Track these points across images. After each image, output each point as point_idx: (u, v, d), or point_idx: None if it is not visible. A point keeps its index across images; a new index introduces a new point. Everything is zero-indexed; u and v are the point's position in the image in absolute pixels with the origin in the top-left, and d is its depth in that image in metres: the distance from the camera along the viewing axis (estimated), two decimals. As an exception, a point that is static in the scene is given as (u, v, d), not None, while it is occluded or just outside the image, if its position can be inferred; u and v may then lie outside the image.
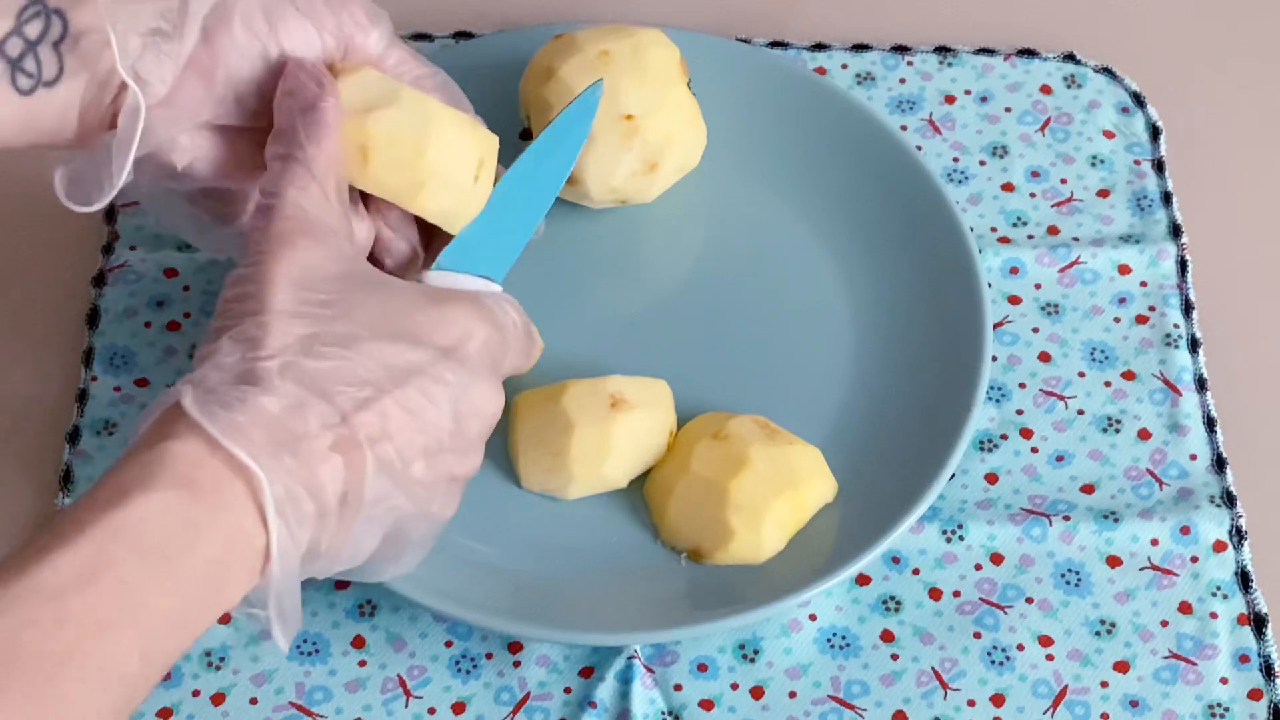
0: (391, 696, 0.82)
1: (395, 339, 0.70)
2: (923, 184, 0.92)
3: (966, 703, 0.82)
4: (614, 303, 0.92)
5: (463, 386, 0.71)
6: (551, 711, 0.82)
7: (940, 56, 1.01)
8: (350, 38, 0.77)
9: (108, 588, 0.60)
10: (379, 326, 0.70)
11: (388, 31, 0.78)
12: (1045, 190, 0.97)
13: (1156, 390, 0.91)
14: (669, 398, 0.86)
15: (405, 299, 0.72)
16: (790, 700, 0.82)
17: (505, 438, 0.85)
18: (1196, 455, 0.89)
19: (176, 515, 0.63)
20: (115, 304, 0.92)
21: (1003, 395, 0.90)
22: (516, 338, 0.76)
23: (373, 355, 0.69)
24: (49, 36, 0.71)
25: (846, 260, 0.93)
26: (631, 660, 0.82)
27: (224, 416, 0.65)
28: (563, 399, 0.84)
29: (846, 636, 0.84)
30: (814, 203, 0.94)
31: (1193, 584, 0.85)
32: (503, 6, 1.03)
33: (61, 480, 0.87)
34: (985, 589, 0.85)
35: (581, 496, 0.85)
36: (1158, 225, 0.96)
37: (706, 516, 0.83)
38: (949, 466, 0.84)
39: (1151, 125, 0.99)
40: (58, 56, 0.71)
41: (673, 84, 0.90)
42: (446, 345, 0.71)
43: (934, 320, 0.89)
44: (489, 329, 0.74)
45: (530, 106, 0.91)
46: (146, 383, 0.90)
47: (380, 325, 0.70)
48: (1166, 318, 0.93)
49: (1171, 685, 0.82)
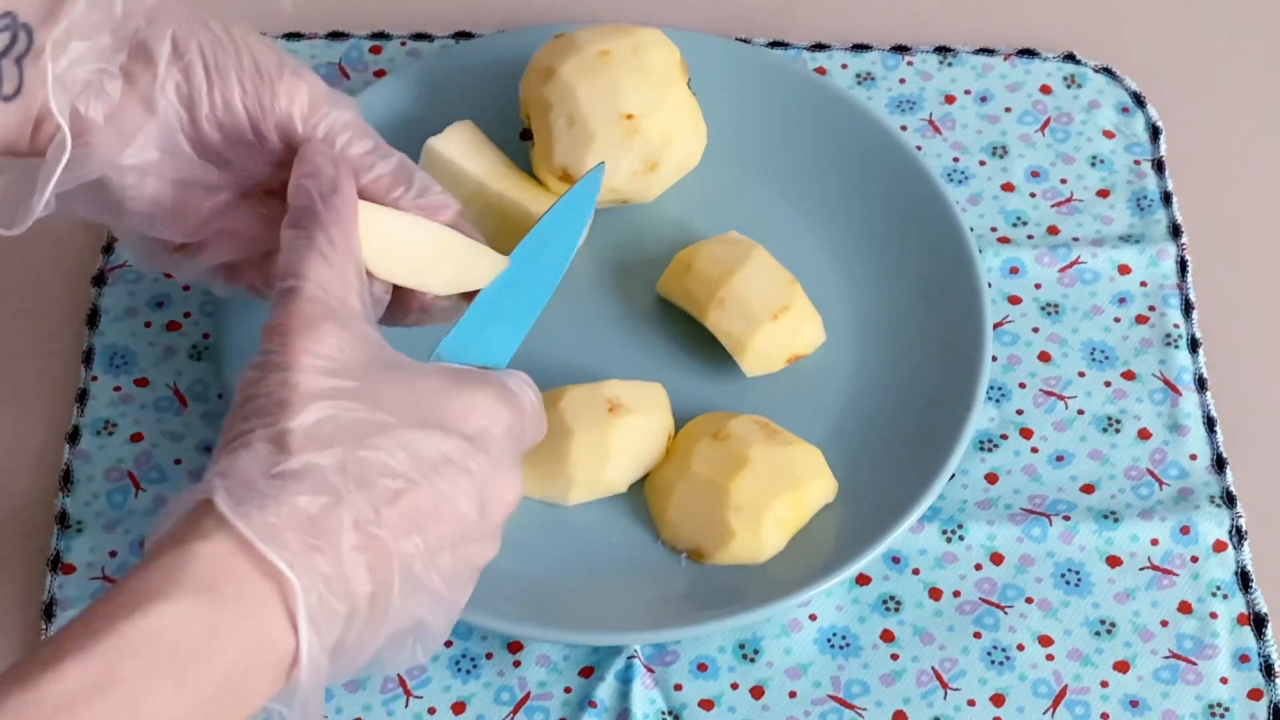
0: (391, 696, 0.82)
1: (424, 427, 0.67)
2: (923, 184, 0.92)
3: (966, 703, 0.82)
4: (614, 303, 0.92)
5: (487, 475, 0.69)
6: (551, 711, 0.82)
7: (940, 56, 1.01)
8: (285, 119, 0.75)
9: (116, 702, 0.58)
10: (408, 414, 0.67)
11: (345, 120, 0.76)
12: (1045, 190, 0.97)
13: (1156, 390, 0.91)
14: (666, 401, 0.86)
15: (430, 384, 0.69)
16: (790, 700, 0.82)
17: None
18: (1196, 455, 0.89)
19: (197, 623, 0.60)
20: (115, 304, 0.92)
21: (1003, 395, 0.90)
22: (534, 420, 0.73)
23: (403, 446, 0.66)
24: (13, 51, 0.70)
25: (846, 260, 0.93)
26: (631, 660, 0.82)
27: (258, 517, 0.62)
28: (560, 404, 0.84)
29: (846, 636, 0.84)
30: (814, 203, 0.94)
31: (1193, 584, 0.85)
32: (503, 6, 1.03)
33: (61, 480, 0.87)
34: (985, 589, 0.85)
35: (581, 502, 0.85)
36: (1158, 225, 0.96)
37: (707, 516, 0.83)
38: (949, 466, 0.84)
39: (1151, 125, 0.99)
40: (19, 71, 0.70)
41: (673, 84, 0.90)
42: (472, 433, 0.69)
43: (934, 320, 0.89)
44: (511, 414, 0.71)
45: (530, 106, 0.91)
46: (146, 382, 0.90)
47: (408, 413, 0.67)
48: (1166, 318, 0.93)
49: (1171, 685, 0.82)
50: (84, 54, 0.71)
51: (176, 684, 0.60)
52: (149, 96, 0.73)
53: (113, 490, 0.87)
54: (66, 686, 0.58)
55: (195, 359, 0.91)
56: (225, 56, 0.73)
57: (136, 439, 0.88)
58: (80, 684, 0.58)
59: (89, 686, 0.58)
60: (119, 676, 0.59)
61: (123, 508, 0.86)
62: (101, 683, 0.58)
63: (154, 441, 0.88)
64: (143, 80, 0.73)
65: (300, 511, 0.63)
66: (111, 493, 0.87)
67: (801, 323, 0.88)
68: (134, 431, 0.88)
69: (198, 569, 0.61)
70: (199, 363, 0.90)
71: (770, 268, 0.89)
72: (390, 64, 1.01)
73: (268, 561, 0.62)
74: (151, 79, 0.73)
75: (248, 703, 0.62)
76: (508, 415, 0.70)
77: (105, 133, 0.73)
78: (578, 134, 0.89)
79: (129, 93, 0.73)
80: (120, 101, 0.73)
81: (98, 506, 0.86)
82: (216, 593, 0.61)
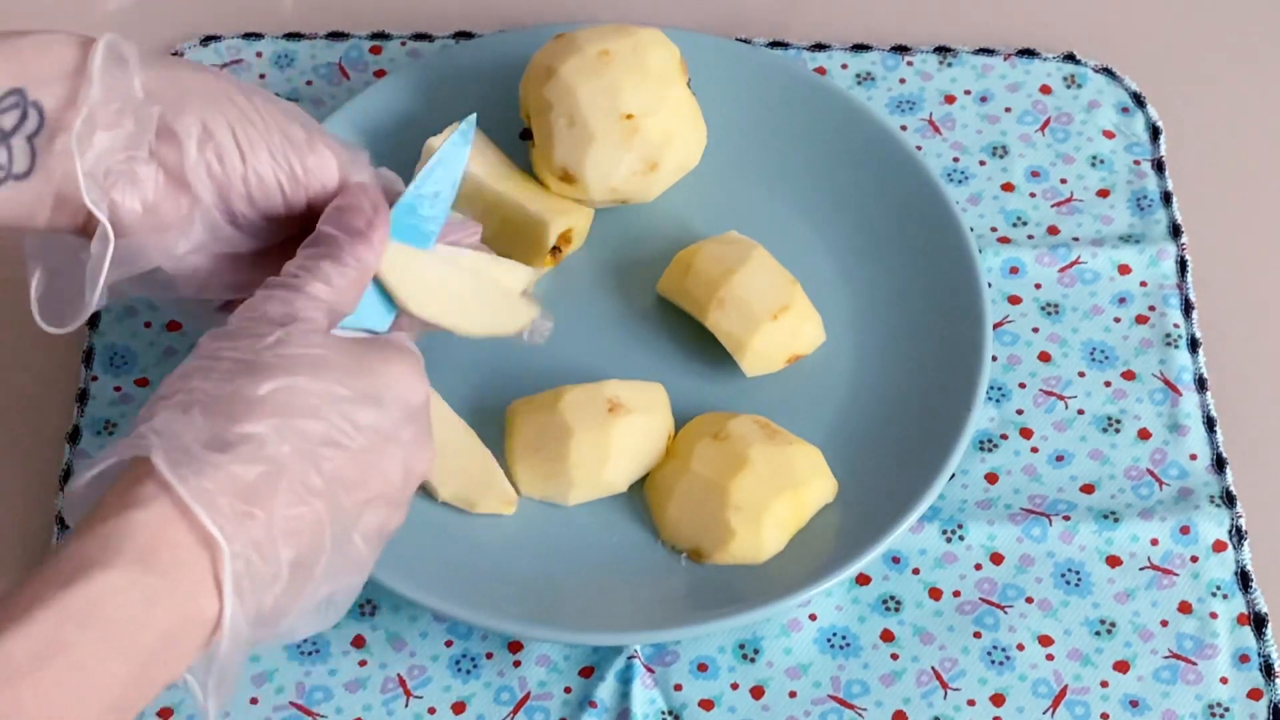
0: (391, 696, 0.82)
1: (361, 399, 0.69)
2: (923, 184, 0.92)
3: (966, 702, 0.82)
4: (614, 303, 0.91)
5: (414, 445, 0.70)
6: (551, 711, 0.82)
7: (940, 56, 1.01)
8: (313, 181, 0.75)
9: (60, 671, 0.59)
10: (345, 385, 0.68)
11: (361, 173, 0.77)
12: (1045, 190, 0.97)
13: (1156, 390, 0.91)
14: (666, 401, 0.86)
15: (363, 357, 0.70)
16: (790, 700, 0.82)
17: (501, 446, 0.85)
18: (1196, 455, 0.89)
19: (136, 591, 0.61)
20: (115, 304, 0.92)
21: (1003, 395, 0.90)
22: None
23: (344, 416, 0.68)
24: (24, 129, 0.69)
25: (846, 260, 0.93)
26: (631, 660, 0.82)
27: (194, 482, 0.63)
28: (560, 404, 0.84)
29: (846, 636, 0.84)
30: (814, 203, 0.94)
31: (1193, 584, 0.85)
32: (503, 6, 1.03)
33: (61, 480, 0.87)
34: (985, 589, 0.85)
35: (581, 503, 0.85)
36: (1158, 225, 0.96)
37: (707, 516, 0.83)
38: (949, 466, 0.84)
39: (1151, 125, 0.99)
40: (31, 151, 0.70)
41: (673, 84, 0.90)
42: (407, 404, 0.70)
43: (934, 320, 0.89)
44: (425, 383, 0.72)
45: (530, 106, 0.91)
46: (146, 382, 0.90)
47: (346, 384, 0.69)
48: (1166, 318, 0.93)
49: (1171, 685, 0.82)
50: (110, 144, 0.71)
51: (116, 654, 0.60)
52: (183, 180, 0.73)
53: (113, 490, 0.87)
54: (10, 657, 0.59)
55: (195, 359, 0.91)
56: (254, 133, 0.73)
57: (136, 439, 0.88)
58: (24, 654, 0.59)
59: (33, 657, 0.59)
60: (61, 645, 0.59)
61: (123, 508, 0.86)
62: (44, 652, 0.59)
63: (154, 441, 0.88)
64: (173, 164, 0.72)
65: (236, 478, 0.64)
66: (111, 493, 0.87)
67: (801, 323, 0.88)
68: (134, 431, 0.88)
69: (136, 537, 0.62)
70: (199, 363, 0.90)
71: (770, 268, 0.89)
72: (390, 64, 1.01)
73: (202, 528, 0.63)
74: (182, 161, 0.72)
75: (171, 671, 0.63)
76: (425, 386, 0.72)
77: (145, 220, 0.73)
78: (578, 134, 0.89)
79: (163, 179, 0.73)
80: (156, 190, 0.72)
81: (98, 506, 0.86)
82: (154, 561, 0.62)
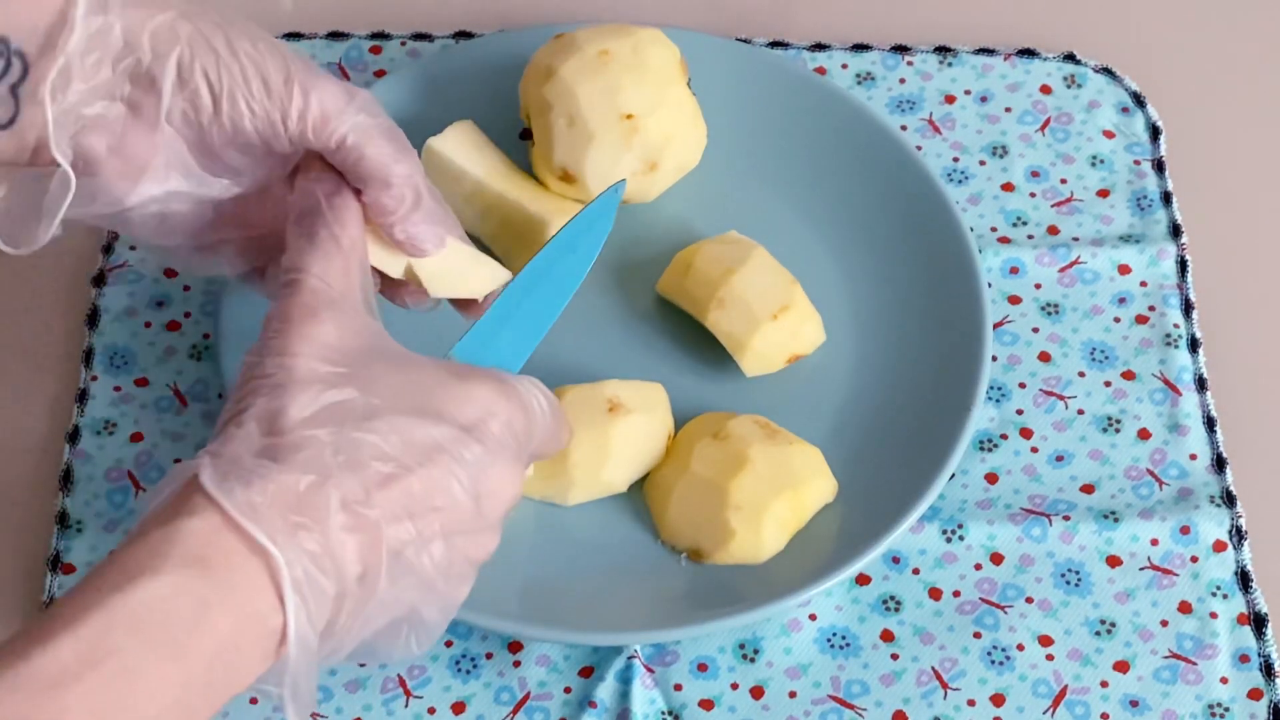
0: (391, 696, 0.82)
1: (418, 414, 0.68)
2: (923, 184, 0.92)
3: (966, 702, 0.82)
4: (614, 303, 0.92)
5: (483, 466, 0.69)
6: (551, 711, 0.82)
7: (940, 56, 1.01)
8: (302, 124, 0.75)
9: (109, 676, 0.59)
10: (401, 401, 0.68)
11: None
12: (1045, 190, 0.97)
13: (1156, 390, 0.91)
14: (666, 401, 0.86)
15: (428, 374, 0.70)
16: (790, 700, 0.82)
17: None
18: (1196, 455, 0.89)
19: (186, 595, 0.61)
20: (115, 304, 0.92)
21: (1003, 395, 0.90)
22: (543, 422, 0.73)
23: (395, 430, 0.67)
24: (7, 79, 0.69)
25: (846, 260, 0.93)
26: (631, 660, 0.82)
27: (242, 495, 0.63)
28: (560, 405, 0.84)
29: (846, 636, 0.84)
30: (814, 203, 0.94)
31: (1193, 584, 0.85)
32: (503, 6, 1.03)
33: (61, 480, 0.87)
34: (985, 589, 0.85)
35: (581, 502, 0.85)
36: (1158, 225, 0.96)
37: (706, 516, 0.83)
38: (949, 466, 0.84)
39: (1151, 125, 0.99)
40: (15, 100, 0.70)
41: (673, 83, 0.90)
42: (468, 422, 0.69)
43: (934, 320, 0.89)
44: (512, 409, 0.71)
45: (530, 106, 0.91)
46: (146, 382, 0.90)
47: (402, 400, 0.68)
48: (1166, 318, 0.93)
49: (1171, 685, 0.82)
50: (84, 94, 0.71)
51: (168, 658, 0.60)
52: (154, 126, 0.73)
53: (113, 490, 0.87)
54: (59, 662, 0.58)
55: (195, 359, 0.91)
56: (232, 79, 0.73)
57: (136, 439, 0.88)
58: (73, 658, 0.58)
59: (81, 661, 0.58)
60: (110, 650, 0.59)
61: (123, 508, 0.86)
62: (93, 658, 0.59)
63: (154, 441, 0.88)
64: (148, 110, 0.73)
65: (287, 489, 0.64)
66: (111, 493, 0.87)
67: (801, 323, 0.88)
68: (134, 431, 0.88)
69: (186, 543, 0.61)
70: (199, 363, 0.90)
71: (770, 268, 0.89)
72: (390, 64, 1.01)
73: (253, 538, 0.62)
74: (156, 108, 0.73)
75: (238, 679, 0.62)
76: (507, 409, 0.70)
77: (110, 163, 0.73)
78: (578, 134, 0.89)
79: (134, 123, 0.73)
80: (125, 133, 0.73)
81: (98, 506, 0.86)
82: (205, 566, 0.61)
